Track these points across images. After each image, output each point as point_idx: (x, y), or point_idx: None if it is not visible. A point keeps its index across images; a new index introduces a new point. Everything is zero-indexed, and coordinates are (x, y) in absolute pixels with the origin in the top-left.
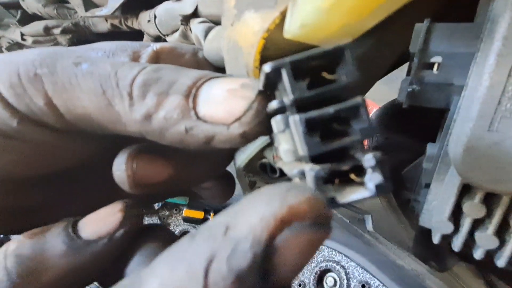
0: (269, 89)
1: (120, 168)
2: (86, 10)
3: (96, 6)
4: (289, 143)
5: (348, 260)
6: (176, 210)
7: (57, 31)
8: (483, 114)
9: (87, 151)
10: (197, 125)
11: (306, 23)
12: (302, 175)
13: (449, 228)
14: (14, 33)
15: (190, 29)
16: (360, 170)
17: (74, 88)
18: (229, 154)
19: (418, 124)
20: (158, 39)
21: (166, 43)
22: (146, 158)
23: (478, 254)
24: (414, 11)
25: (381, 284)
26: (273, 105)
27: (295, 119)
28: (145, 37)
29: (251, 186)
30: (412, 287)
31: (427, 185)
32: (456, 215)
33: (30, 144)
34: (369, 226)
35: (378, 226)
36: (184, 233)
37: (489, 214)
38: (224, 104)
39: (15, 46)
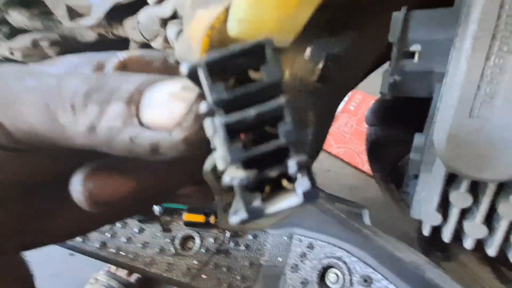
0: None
1: (77, 189)
2: (71, 20)
3: (81, 15)
4: (220, 148)
5: (350, 255)
6: (176, 214)
7: (44, 43)
8: (463, 100)
9: (54, 166)
10: (141, 133)
11: (242, 18)
12: (232, 181)
13: (437, 219)
14: (2, 49)
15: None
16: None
17: (17, 104)
18: (202, 158)
19: (413, 116)
20: (144, 45)
21: (134, 51)
22: (103, 176)
23: (468, 244)
24: (393, 6)
25: (383, 278)
26: (202, 108)
27: (215, 123)
28: (131, 43)
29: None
30: (413, 280)
31: (416, 176)
32: (444, 206)
33: None
34: (367, 220)
35: (379, 219)
36: (187, 237)
37: (476, 203)
38: (165, 108)
39: (5, 61)
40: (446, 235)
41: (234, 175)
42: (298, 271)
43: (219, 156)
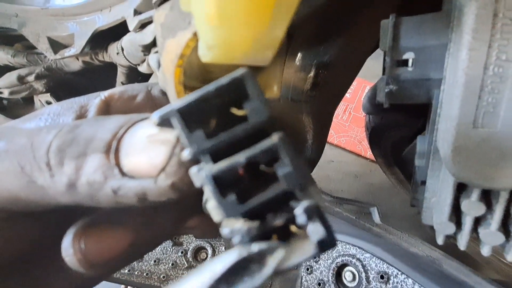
0: None
1: (68, 252)
2: (55, 52)
3: (65, 46)
4: (212, 200)
5: (363, 252)
6: None
7: (31, 78)
8: (464, 111)
9: (44, 228)
10: (124, 184)
11: (211, 44)
12: (232, 236)
13: (451, 228)
14: None
15: None
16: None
17: None
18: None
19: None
20: (130, 69)
21: (115, 88)
22: (96, 233)
23: (485, 251)
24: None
25: (400, 273)
26: (184, 156)
27: (202, 176)
28: (119, 68)
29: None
30: (431, 273)
31: (423, 183)
32: (457, 213)
33: None
34: (376, 219)
35: (388, 204)
36: (198, 249)
37: (490, 209)
38: (145, 153)
39: None
40: (462, 244)
41: (234, 228)
42: (313, 272)
43: (212, 207)
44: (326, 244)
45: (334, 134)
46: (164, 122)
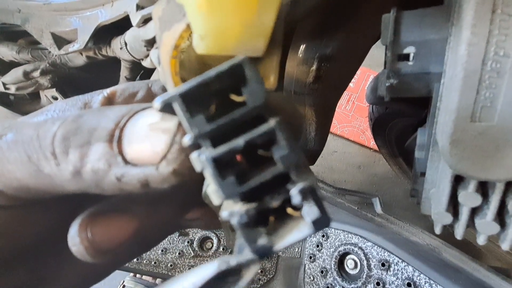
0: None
1: (75, 241)
2: (59, 48)
3: (68, 42)
4: (211, 183)
5: (365, 240)
6: None
7: (36, 73)
8: (463, 105)
9: (54, 218)
10: (127, 171)
11: (203, 33)
12: (230, 218)
13: (448, 219)
14: None
15: None
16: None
17: (2, 162)
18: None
19: None
20: (134, 63)
21: (117, 85)
22: (102, 221)
23: (481, 240)
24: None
25: (400, 260)
26: (185, 141)
27: (202, 159)
28: (122, 63)
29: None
30: (430, 261)
31: (423, 174)
32: (454, 203)
33: None
34: (378, 209)
35: (392, 194)
36: (204, 239)
37: (486, 200)
38: (147, 142)
39: (1, 96)
40: (459, 233)
41: (232, 210)
42: (316, 260)
43: (212, 191)
44: (320, 223)
45: (337, 124)
46: (166, 107)
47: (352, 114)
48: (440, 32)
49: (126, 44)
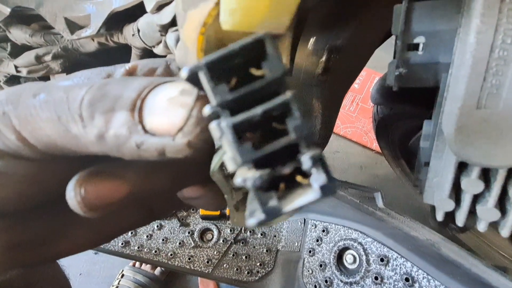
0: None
1: (70, 196)
2: (72, 33)
3: (81, 27)
4: (229, 150)
5: (365, 236)
6: (193, 210)
7: (48, 58)
8: (469, 92)
9: (73, 174)
10: (146, 140)
11: (233, 8)
12: (244, 183)
13: (450, 205)
14: (8, 67)
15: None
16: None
17: (35, 119)
18: (207, 158)
19: (419, 91)
20: (144, 51)
21: (138, 60)
22: (95, 181)
23: (481, 227)
24: None
25: (399, 256)
26: (206, 111)
27: (222, 126)
28: (133, 50)
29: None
30: (429, 256)
31: (427, 164)
32: (457, 191)
33: (14, 178)
34: (380, 203)
35: (393, 195)
36: (204, 230)
37: (488, 187)
38: (166, 115)
39: (12, 79)
40: (460, 220)
41: (246, 176)
42: (316, 254)
43: (228, 158)
44: (328, 189)
45: (340, 125)
46: (192, 76)
47: (356, 115)
48: (450, 23)
49: (139, 30)
